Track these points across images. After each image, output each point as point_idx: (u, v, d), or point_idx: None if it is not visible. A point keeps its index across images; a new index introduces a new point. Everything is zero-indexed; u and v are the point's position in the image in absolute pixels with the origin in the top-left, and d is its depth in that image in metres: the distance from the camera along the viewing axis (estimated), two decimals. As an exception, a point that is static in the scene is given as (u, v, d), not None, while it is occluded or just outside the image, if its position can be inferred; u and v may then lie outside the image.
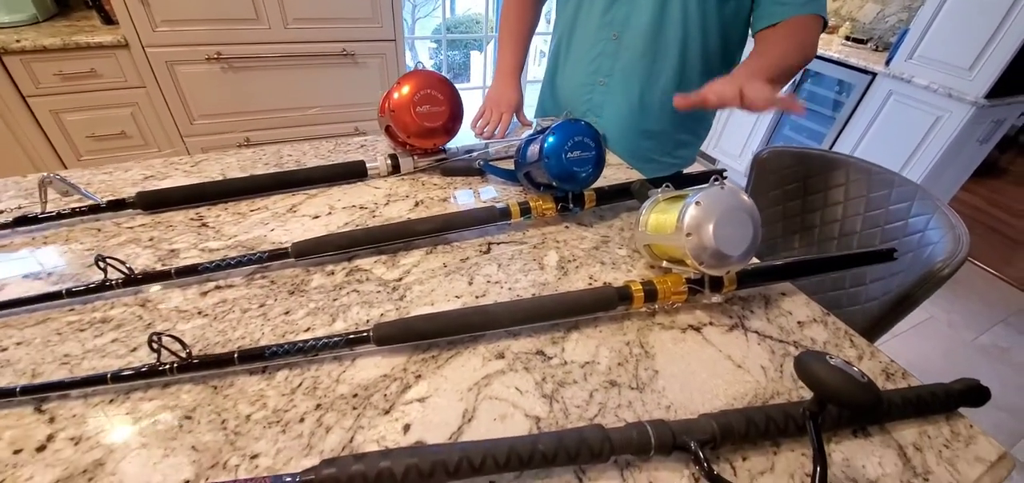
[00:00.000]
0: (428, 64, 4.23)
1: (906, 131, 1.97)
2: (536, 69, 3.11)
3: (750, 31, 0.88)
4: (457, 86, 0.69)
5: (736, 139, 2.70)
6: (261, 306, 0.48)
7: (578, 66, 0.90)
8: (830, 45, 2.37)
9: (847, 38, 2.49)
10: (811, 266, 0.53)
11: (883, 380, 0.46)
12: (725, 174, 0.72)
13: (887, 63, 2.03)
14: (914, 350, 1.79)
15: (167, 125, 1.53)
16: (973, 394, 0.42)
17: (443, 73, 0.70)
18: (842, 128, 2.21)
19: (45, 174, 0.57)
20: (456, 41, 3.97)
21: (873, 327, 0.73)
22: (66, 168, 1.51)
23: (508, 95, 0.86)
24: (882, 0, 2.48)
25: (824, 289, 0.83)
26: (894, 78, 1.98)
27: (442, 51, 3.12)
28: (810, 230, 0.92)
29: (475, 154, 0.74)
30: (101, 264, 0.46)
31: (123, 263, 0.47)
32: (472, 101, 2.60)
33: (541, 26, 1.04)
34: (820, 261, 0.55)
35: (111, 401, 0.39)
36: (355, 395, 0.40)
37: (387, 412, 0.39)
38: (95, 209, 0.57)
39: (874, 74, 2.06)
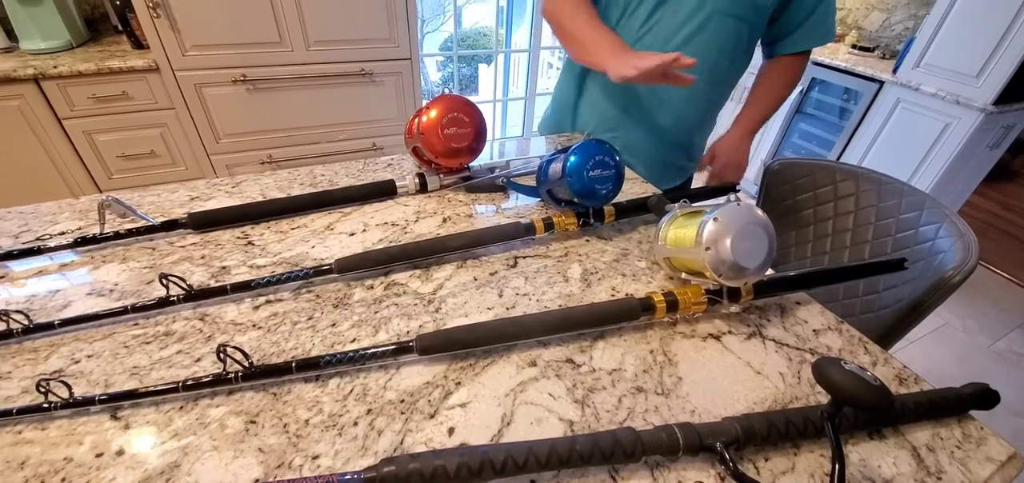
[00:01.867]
0: (435, 78, 4.32)
1: (915, 138, 1.99)
2: (544, 81, 3.16)
3: (763, 50, 0.94)
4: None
5: (744, 147, 2.72)
6: (309, 318, 0.52)
7: (615, 88, 0.91)
8: (837, 53, 2.40)
9: (854, 46, 2.51)
10: (825, 276, 0.56)
11: (896, 385, 0.49)
12: (738, 189, 0.76)
13: (894, 71, 2.05)
14: (929, 356, 1.79)
15: (194, 144, 1.60)
16: (983, 398, 0.45)
17: (454, 86, 0.73)
18: (851, 136, 2.23)
19: (104, 197, 0.62)
20: (464, 54, 4.05)
21: (887, 334, 0.75)
22: (99, 187, 1.58)
23: (629, 53, 0.73)
24: (887, 8, 2.50)
25: (838, 297, 0.85)
26: (901, 86, 1.99)
27: (454, 65, 3.19)
28: (822, 239, 0.94)
29: (497, 172, 0.77)
30: (164, 281, 0.51)
31: (183, 280, 0.51)
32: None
33: (547, 40, 1.08)
34: (833, 272, 0.57)
35: (181, 408, 0.43)
36: (402, 401, 0.44)
37: (432, 416, 0.42)
38: (150, 229, 0.62)
39: (881, 82, 2.08)
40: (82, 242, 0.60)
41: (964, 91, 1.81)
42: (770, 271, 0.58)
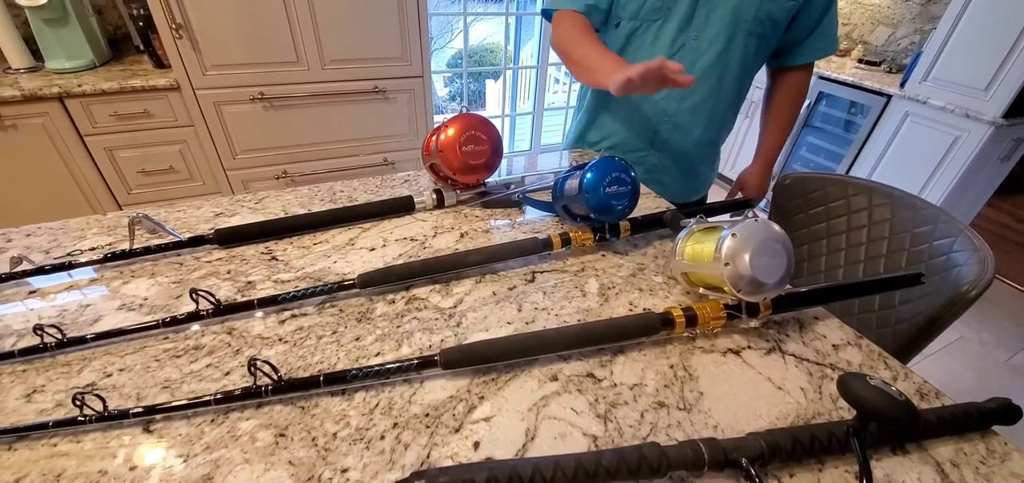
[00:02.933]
0: (442, 93, 4.38)
1: (925, 151, 1.99)
2: (550, 96, 3.20)
3: (768, 65, 0.96)
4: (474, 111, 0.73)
5: (751, 160, 2.73)
6: (334, 333, 0.53)
7: (641, 106, 0.93)
8: (844, 67, 2.41)
9: (860, 61, 2.53)
10: (842, 291, 0.56)
11: (918, 400, 0.48)
12: (753, 203, 0.76)
13: (902, 85, 2.06)
14: (947, 371, 1.76)
15: (211, 160, 1.64)
16: (1006, 413, 0.44)
17: (464, 101, 0.75)
18: (860, 149, 2.23)
19: (135, 213, 0.64)
20: (473, 71, 4.12)
21: (904, 349, 0.75)
22: (118, 202, 1.62)
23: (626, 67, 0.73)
24: (893, 23, 2.52)
25: (854, 311, 0.85)
26: (909, 99, 2.00)
27: (463, 81, 3.24)
28: (836, 253, 0.94)
29: (513, 188, 0.79)
30: (194, 296, 0.52)
31: (212, 295, 0.53)
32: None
33: (554, 55, 1.10)
34: (850, 286, 0.58)
35: (212, 421, 0.44)
36: (427, 415, 0.44)
37: (457, 430, 0.43)
38: (177, 245, 0.63)
39: (889, 96, 2.08)
40: (113, 257, 0.62)
41: (973, 104, 1.81)
42: (788, 286, 0.58)
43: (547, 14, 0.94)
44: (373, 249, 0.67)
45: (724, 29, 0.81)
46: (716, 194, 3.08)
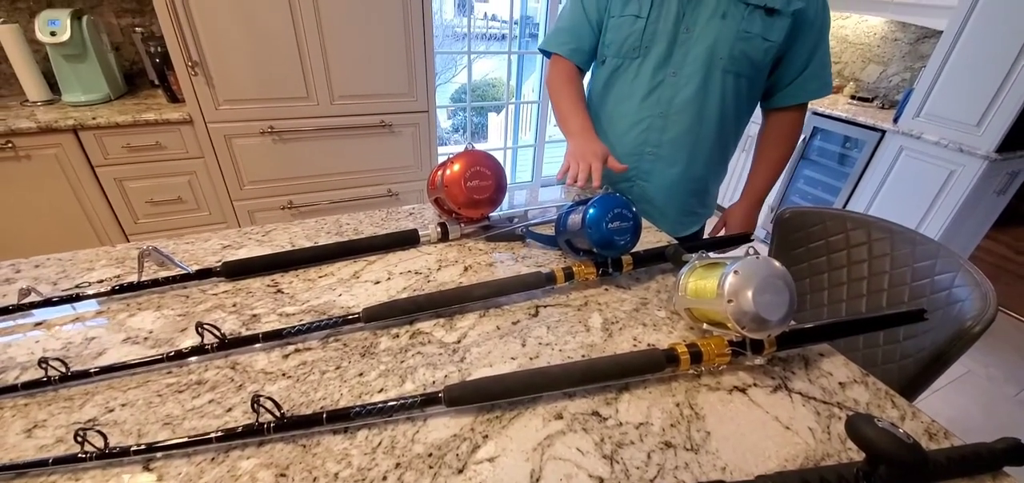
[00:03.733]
0: (445, 125, 4.48)
1: (921, 185, 2.01)
2: (551, 129, 3.26)
3: (761, 104, 0.99)
4: (477, 145, 0.76)
5: (750, 192, 2.76)
6: (337, 368, 0.53)
7: (625, 137, 0.98)
8: (837, 104, 2.47)
9: (853, 97, 2.59)
10: (846, 328, 0.56)
11: (926, 440, 0.48)
12: (753, 237, 0.77)
13: (895, 120, 2.11)
14: (954, 406, 1.73)
15: (219, 191, 1.67)
16: (1016, 453, 0.44)
17: (467, 133, 0.81)
18: (857, 182, 2.26)
19: (144, 246, 0.65)
20: (476, 106, 4.22)
21: (911, 384, 0.74)
22: (124, 230, 1.63)
23: (594, 147, 0.84)
24: (884, 61, 2.60)
25: (858, 347, 0.85)
26: (903, 134, 2.04)
27: (467, 115, 3.33)
28: (838, 287, 0.94)
29: (516, 222, 0.80)
30: (200, 330, 0.52)
31: (217, 328, 0.53)
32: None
33: None
34: (854, 323, 0.58)
35: (212, 459, 0.43)
36: (430, 455, 0.44)
37: (461, 471, 0.42)
38: (185, 277, 0.64)
39: (883, 131, 2.13)
40: (120, 289, 0.62)
41: (966, 139, 1.85)
42: (792, 322, 0.59)
43: (545, 52, 1.03)
44: (378, 282, 0.67)
45: (701, 67, 0.85)
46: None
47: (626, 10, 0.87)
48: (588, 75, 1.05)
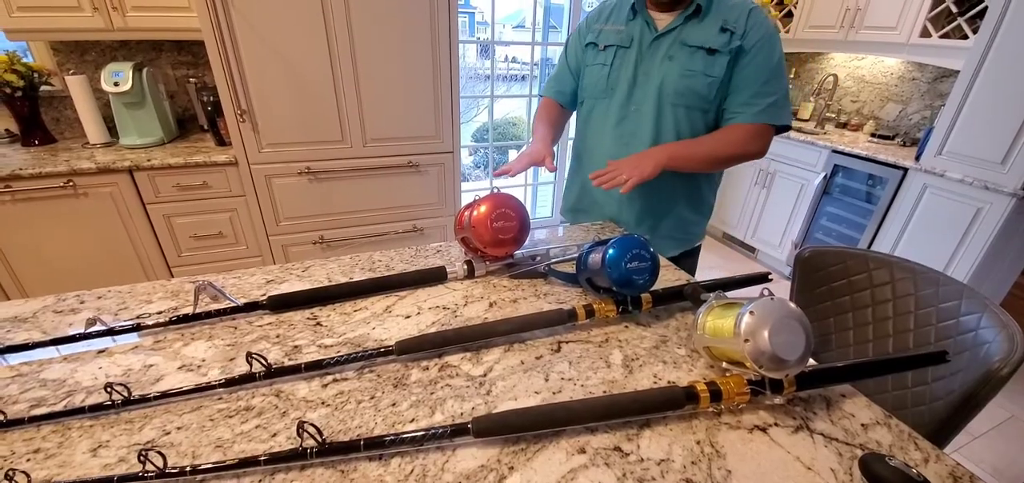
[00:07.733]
0: (467, 161, 4.63)
1: (948, 223, 1.97)
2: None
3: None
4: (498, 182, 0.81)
5: (773, 228, 2.74)
6: (372, 398, 0.56)
7: (601, 162, 1.08)
8: (857, 141, 2.47)
9: (873, 135, 2.58)
10: (866, 369, 0.57)
11: (956, 486, 0.47)
12: (770, 277, 0.79)
13: (917, 158, 2.08)
14: (998, 452, 1.62)
15: (257, 227, 1.78)
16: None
17: (490, 170, 0.87)
18: (882, 220, 2.22)
19: (200, 280, 0.71)
20: (499, 144, 4.40)
21: (941, 428, 0.72)
22: (168, 264, 1.74)
23: (534, 147, 1.04)
24: (903, 100, 2.60)
25: (888, 389, 0.83)
26: (926, 172, 2.02)
27: (489, 152, 3.46)
28: (863, 327, 0.93)
29: (538, 260, 0.84)
30: (250, 359, 0.57)
31: (264, 358, 0.58)
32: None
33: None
34: (873, 364, 0.58)
35: (259, 482, 0.47)
36: (460, 483, 0.46)
37: (489, 500, 0.45)
38: (235, 310, 0.69)
39: (905, 169, 2.11)
40: (177, 321, 0.68)
41: (991, 177, 1.81)
42: (812, 361, 0.59)
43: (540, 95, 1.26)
44: (408, 316, 0.71)
45: (654, 103, 1.01)
46: (721, 256, 3.04)
47: (596, 60, 1.09)
48: (574, 116, 1.25)
